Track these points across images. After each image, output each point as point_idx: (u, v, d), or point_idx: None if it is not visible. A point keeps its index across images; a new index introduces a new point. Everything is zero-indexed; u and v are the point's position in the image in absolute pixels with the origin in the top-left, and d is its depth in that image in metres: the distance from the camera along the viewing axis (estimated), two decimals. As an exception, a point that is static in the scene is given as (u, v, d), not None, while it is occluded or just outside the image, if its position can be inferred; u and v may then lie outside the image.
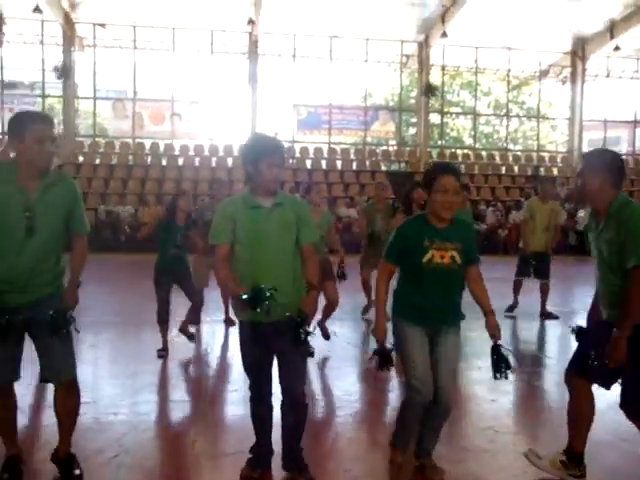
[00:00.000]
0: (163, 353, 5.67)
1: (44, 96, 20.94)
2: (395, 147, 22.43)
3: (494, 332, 3.16)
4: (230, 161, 19.73)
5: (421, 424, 3.30)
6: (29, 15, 17.48)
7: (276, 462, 3.27)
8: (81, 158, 19.65)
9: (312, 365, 5.30)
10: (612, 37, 20.22)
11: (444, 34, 19.14)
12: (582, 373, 3.17)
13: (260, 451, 3.27)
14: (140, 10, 18.47)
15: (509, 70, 22.61)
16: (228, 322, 6.84)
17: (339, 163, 20.65)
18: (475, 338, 5.34)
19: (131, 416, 4.20)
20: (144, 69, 21.36)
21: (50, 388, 3.30)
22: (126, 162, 19.44)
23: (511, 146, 26.56)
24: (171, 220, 5.79)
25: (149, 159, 19.77)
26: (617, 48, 20.56)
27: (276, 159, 3.08)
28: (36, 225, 2.92)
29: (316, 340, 5.56)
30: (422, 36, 20.58)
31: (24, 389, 3.93)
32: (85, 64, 20.46)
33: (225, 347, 6.42)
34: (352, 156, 21.19)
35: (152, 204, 16.57)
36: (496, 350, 3.16)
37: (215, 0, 17.52)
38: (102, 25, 19.45)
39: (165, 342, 5.74)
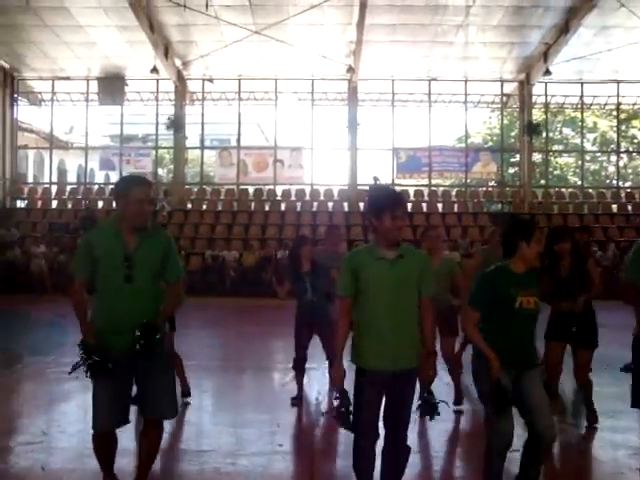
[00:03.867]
0: (296, 402, 5.65)
1: (157, 148, 22.34)
2: (497, 188, 21.90)
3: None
4: (330, 205, 20.02)
5: (524, 459, 3.42)
6: (147, 75, 18.90)
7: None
8: (189, 205, 20.65)
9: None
10: None
11: (547, 72, 18.68)
12: None
13: None
14: (245, 64, 19.46)
15: (619, 104, 21.59)
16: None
17: (440, 206, 20.41)
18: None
19: (250, 467, 4.20)
20: (248, 119, 22.35)
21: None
22: (231, 208, 20.21)
23: (621, 183, 25.20)
24: (294, 267, 5.75)
25: (252, 205, 20.45)
26: None
27: (399, 211, 3.17)
28: (133, 274, 3.28)
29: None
30: (523, 75, 20.20)
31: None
32: (194, 116, 21.71)
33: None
34: (453, 198, 20.88)
35: (255, 249, 17.04)
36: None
37: (315, 50, 18.15)
38: (210, 80, 20.65)
39: (300, 390, 5.73)
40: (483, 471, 3.50)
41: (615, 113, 22.90)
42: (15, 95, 20.86)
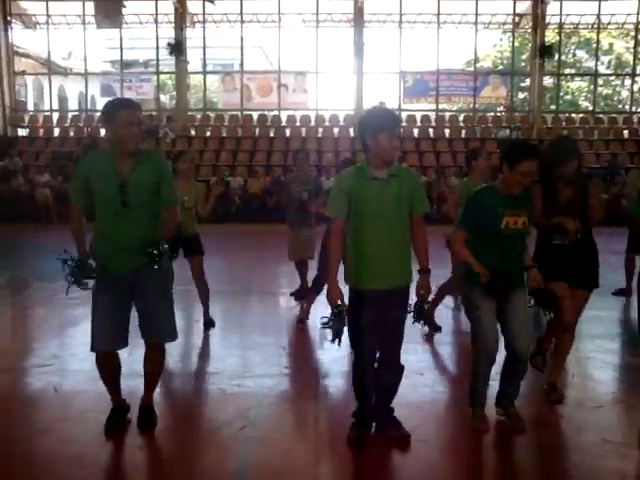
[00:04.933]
0: (302, 325, 5.78)
1: (158, 73, 21.79)
2: (506, 113, 21.40)
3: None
4: (336, 131, 19.69)
5: (503, 377, 3.61)
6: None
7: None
8: (193, 132, 20.35)
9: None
10: None
11: (563, -11, 17.87)
12: None
13: (363, 415, 3.43)
14: (247, -17, 18.67)
15: (638, 22, 20.54)
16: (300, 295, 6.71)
17: (447, 131, 20.03)
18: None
19: (256, 388, 4.28)
20: (251, 42, 21.65)
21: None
22: (235, 134, 19.92)
23: (635, 108, 24.54)
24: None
25: (257, 131, 20.14)
26: None
27: (395, 131, 3.19)
28: (129, 199, 3.28)
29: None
30: (537, -8, 19.34)
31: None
32: (195, 40, 21.05)
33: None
34: (461, 123, 20.46)
35: (260, 175, 16.92)
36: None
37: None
38: (211, 1, 19.86)
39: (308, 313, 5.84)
40: (469, 388, 3.63)
41: (633, 33, 21.99)
42: (9, 18, 20.17)
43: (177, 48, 19.64)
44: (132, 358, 3.85)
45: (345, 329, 3.23)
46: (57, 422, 3.71)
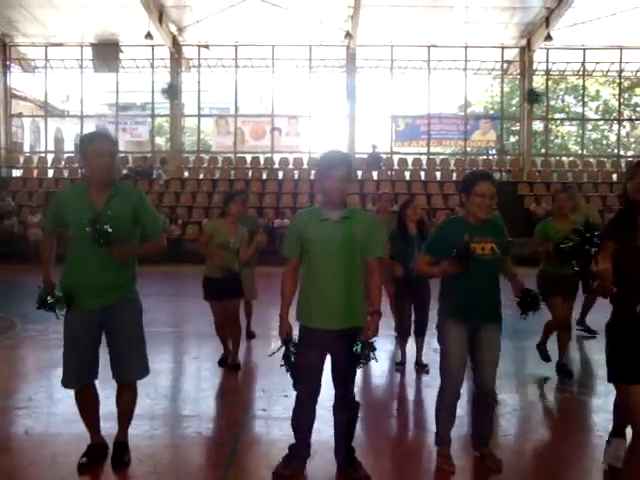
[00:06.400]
0: (401, 367, 5.72)
1: (153, 116, 22.12)
2: (496, 156, 21.71)
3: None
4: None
5: (473, 416, 3.65)
6: (141, 41, 18.61)
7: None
8: (186, 173, 20.53)
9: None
10: None
11: (548, 37, 18.37)
12: None
13: (296, 452, 3.43)
14: (241, 30, 19.14)
15: (621, 70, 21.24)
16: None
17: (438, 174, 20.26)
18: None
19: (231, 431, 4.20)
20: (245, 86, 22.09)
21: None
22: (228, 176, 20.09)
23: (622, 152, 24.98)
24: (403, 231, 5.70)
25: (250, 173, 20.33)
26: None
27: (339, 172, 3.21)
28: (102, 232, 3.23)
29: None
30: (524, 40, 19.87)
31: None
32: (190, 84, 21.46)
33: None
34: (452, 166, 20.72)
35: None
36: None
37: (313, 16, 17.82)
38: (206, 46, 20.34)
39: (404, 355, 5.78)
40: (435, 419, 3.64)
41: (617, 80, 22.55)
42: (7, 62, 20.59)
43: (172, 91, 20.02)
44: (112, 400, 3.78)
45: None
46: (27, 467, 3.62)
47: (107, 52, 19.89)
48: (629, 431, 3.53)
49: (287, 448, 3.48)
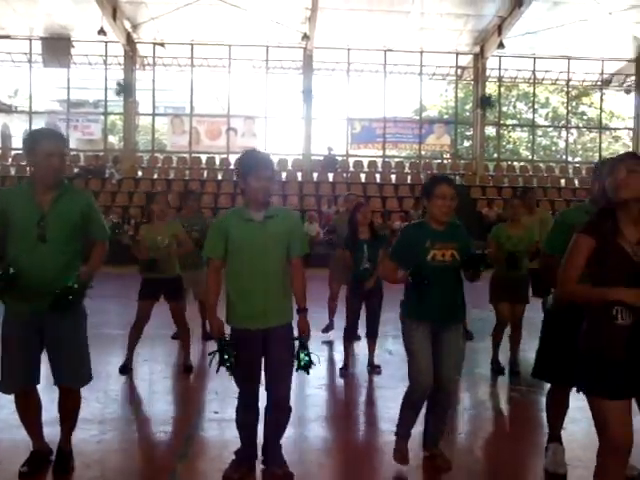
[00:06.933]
0: (345, 372, 5.69)
1: (106, 113, 21.65)
2: (450, 160, 22.11)
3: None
4: (284, 175, 19.86)
5: (428, 414, 3.65)
6: (94, 37, 18.19)
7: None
8: (140, 173, 20.16)
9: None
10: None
11: (501, 45, 18.80)
12: None
13: (244, 454, 3.45)
14: (197, 28, 18.94)
15: (569, 80, 21.94)
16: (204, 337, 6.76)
17: (393, 177, 20.48)
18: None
19: (185, 433, 4.15)
20: (201, 85, 21.85)
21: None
22: (183, 176, 19.84)
23: (570, 158, 25.80)
24: (354, 235, 5.71)
25: (205, 173, 20.13)
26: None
27: (265, 172, 3.22)
28: (47, 234, 3.16)
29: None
30: (478, 47, 20.28)
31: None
32: (145, 82, 21.10)
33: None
34: (407, 169, 20.98)
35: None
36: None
37: (270, 17, 17.77)
38: (161, 44, 20.02)
39: (347, 359, 5.77)
40: (399, 413, 3.67)
41: (565, 89, 23.28)
42: (-48, 54, 19.83)
43: (126, 89, 19.62)
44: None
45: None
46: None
47: (58, 47, 19.34)
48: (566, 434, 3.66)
49: (234, 453, 3.47)
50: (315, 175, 19.87)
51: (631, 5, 17.30)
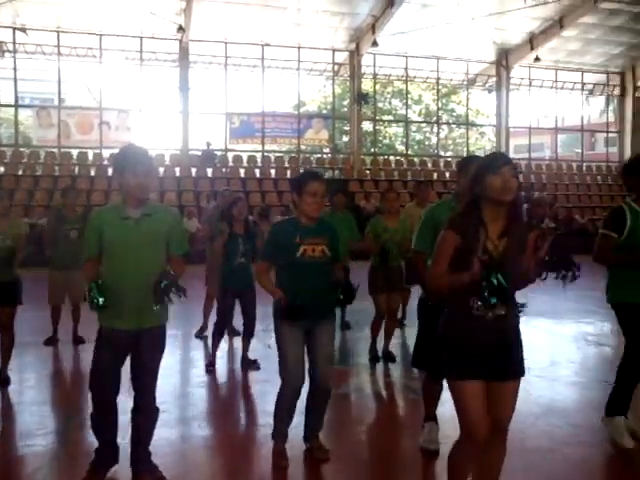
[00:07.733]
0: (211, 368, 5.59)
1: (-39, 104, 19.87)
2: (329, 155, 22.52)
3: None
4: (162, 170, 19.27)
5: (307, 410, 3.71)
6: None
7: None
8: (2, 168, 18.73)
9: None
10: (532, 49, 21.21)
11: (374, 43, 19.42)
12: None
13: (102, 455, 3.35)
14: (64, 15, 17.85)
15: (438, 79, 23.12)
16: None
17: (273, 171, 20.55)
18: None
19: (47, 446, 3.94)
20: (71, 76, 20.64)
21: None
22: (52, 172, 18.67)
23: (442, 152, 27.23)
24: (230, 230, 5.66)
25: (77, 169, 19.08)
26: (537, 59, 21.57)
27: (143, 168, 3.15)
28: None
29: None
30: (353, 45, 20.81)
31: None
32: (5, 71, 19.57)
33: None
34: (286, 164, 21.13)
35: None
36: None
37: (143, 6, 17.13)
38: (23, 30, 18.63)
39: (214, 356, 5.69)
40: (274, 415, 3.67)
41: (436, 87, 24.51)
42: None
43: (-17, 78, 18.11)
44: None
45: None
46: None
47: None
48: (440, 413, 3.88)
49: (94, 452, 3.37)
50: (194, 170, 19.46)
51: (490, 13, 18.58)
